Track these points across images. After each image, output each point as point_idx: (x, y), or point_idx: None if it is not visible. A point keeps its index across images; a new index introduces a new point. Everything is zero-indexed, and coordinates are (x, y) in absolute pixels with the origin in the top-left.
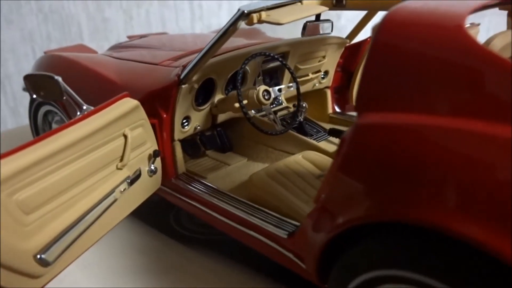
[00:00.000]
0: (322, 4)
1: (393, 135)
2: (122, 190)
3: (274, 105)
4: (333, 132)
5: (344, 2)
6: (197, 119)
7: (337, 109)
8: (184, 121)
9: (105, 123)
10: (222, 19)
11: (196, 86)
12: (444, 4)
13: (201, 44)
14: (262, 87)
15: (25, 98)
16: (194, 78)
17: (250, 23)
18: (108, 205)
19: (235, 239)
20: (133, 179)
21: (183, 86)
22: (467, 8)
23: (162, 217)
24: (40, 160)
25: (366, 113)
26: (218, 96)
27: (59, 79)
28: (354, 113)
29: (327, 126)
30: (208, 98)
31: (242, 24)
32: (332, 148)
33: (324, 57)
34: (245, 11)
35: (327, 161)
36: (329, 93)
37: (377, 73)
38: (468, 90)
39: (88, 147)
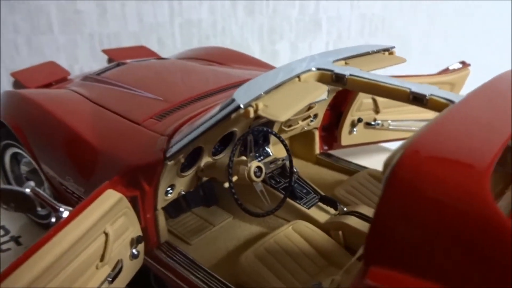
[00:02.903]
0: (320, 80)
1: None
2: None
3: (261, 158)
4: (325, 200)
5: (344, 80)
6: (182, 184)
7: (325, 147)
8: (169, 189)
9: (86, 230)
10: (203, 15)
11: (182, 160)
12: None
13: (189, 87)
14: (254, 164)
15: None
16: (182, 155)
17: (247, 116)
18: None
19: None
20: (115, 276)
21: (169, 163)
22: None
23: (142, 273)
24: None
25: (375, 268)
26: (205, 160)
27: (31, 191)
28: (341, 153)
29: (314, 168)
30: (194, 162)
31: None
32: (323, 216)
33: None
34: (241, 106)
35: (318, 235)
36: (317, 133)
37: (391, 223)
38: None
39: (69, 258)
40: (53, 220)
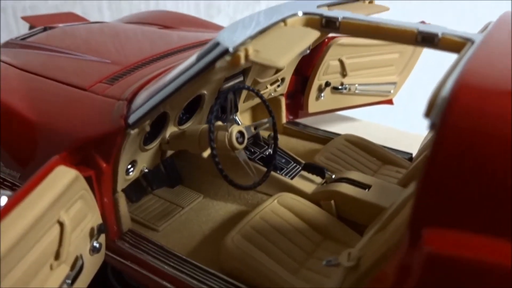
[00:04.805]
0: (308, 26)
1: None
2: None
3: None
4: (309, 168)
5: (337, 23)
6: (144, 160)
7: (290, 116)
8: (129, 166)
9: (34, 220)
10: None
11: (148, 128)
12: None
13: (139, 49)
14: (235, 128)
15: None
16: (147, 121)
17: (236, 63)
18: None
19: None
20: (75, 276)
21: (132, 131)
22: None
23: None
24: None
25: (429, 231)
26: (170, 129)
27: None
28: (309, 119)
29: (282, 138)
30: (158, 133)
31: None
32: (309, 186)
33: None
34: (230, 49)
35: (306, 207)
36: (283, 101)
37: (449, 174)
38: None
39: (12, 261)
40: None
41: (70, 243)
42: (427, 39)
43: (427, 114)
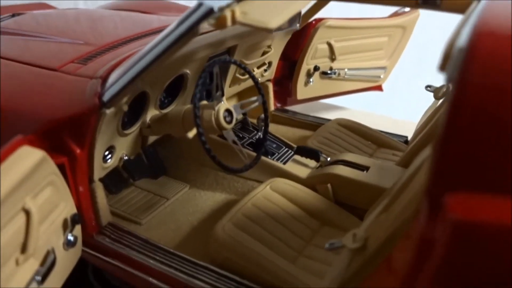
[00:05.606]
0: None
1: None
2: None
3: None
4: (303, 151)
5: None
6: (123, 146)
7: (278, 104)
8: (107, 153)
9: None
10: None
11: (125, 108)
12: None
13: (114, 30)
14: (222, 106)
15: None
16: (124, 99)
17: (222, 25)
18: None
19: None
20: (45, 273)
21: (108, 111)
22: None
23: (77, 267)
24: None
25: (451, 197)
26: (151, 113)
27: None
28: (296, 108)
29: (271, 127)
30: (138, 116)
31: None
32: (303, 171)
33: (269, 46)
34: (215, 9)
35: (301, 192)
36: (271, 87)
37: (474, 129)
38: None
39: None
40: None
41: (38, 235)
42: (429, 0)
43: (442, 67)
